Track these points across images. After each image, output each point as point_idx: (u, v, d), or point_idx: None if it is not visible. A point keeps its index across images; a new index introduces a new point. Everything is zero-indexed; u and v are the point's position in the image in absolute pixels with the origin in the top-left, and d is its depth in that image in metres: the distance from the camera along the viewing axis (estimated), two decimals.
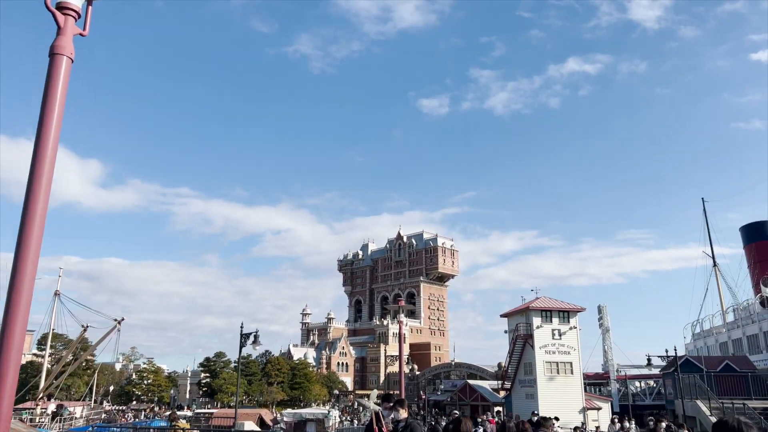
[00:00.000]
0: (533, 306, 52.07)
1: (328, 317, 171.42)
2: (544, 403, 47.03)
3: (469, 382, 79.94)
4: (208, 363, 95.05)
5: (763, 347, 62.37)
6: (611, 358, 77.72)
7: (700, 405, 22.67)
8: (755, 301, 69.33)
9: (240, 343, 20.90)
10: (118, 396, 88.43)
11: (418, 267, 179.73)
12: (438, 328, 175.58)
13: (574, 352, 50.95)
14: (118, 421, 43.28)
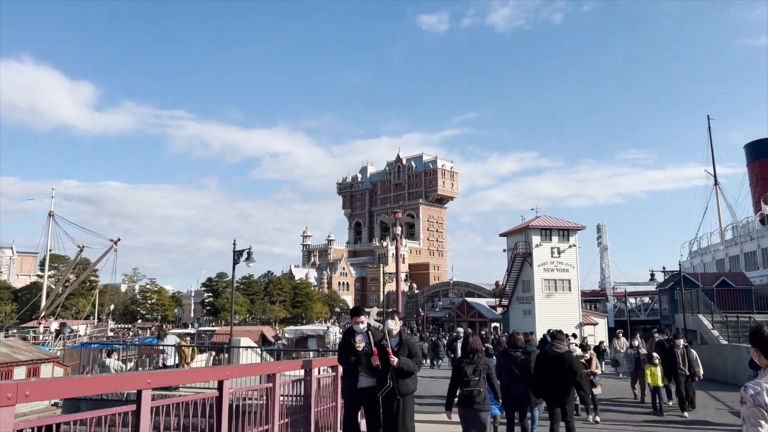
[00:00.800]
0: (533, 225, 51.70)
1: (328, 239, 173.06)
2: (541, 319, 47.70)
3: (467, 300, 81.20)
4: (211, 283, 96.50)
5: (760, 264, 62.63)
6: (608, 276, 78.55)
7: (702, 319, 22.46)
8: (755, 218, 68.96)
9: (233, 259, 20.38)
10: (123, 315, 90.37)
11: (418, 189, 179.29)
12: (437, 249, 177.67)
13: (572, 269, 51.12)
14: (121, 339, 44.02)
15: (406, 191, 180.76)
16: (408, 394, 6.63)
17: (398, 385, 6.52)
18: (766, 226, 63.42)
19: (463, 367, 7.11)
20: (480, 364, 7.11)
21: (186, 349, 15.67)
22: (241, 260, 20.29)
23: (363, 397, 6.78)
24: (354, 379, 6.76)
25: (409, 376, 6.61)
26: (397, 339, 6.79)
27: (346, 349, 6.75)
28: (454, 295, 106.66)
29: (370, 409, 6.79)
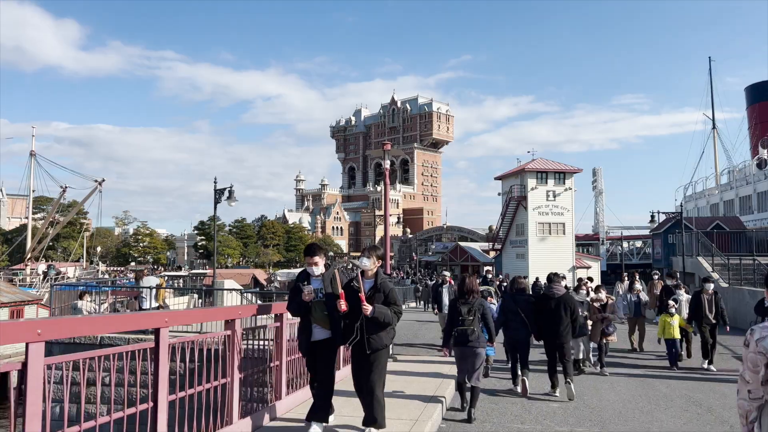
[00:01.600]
0: (529, 168, 50.71)
1: (321, 183, 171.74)
2: (535, 263, 47.51)
3: (460, 244, 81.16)
4: (203, 226, 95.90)
5: (755, 208, 62.34)
6: (602, 220, 78.39)
7: (702, 261, 21.91)
8: (752, 163, 68.23)
9: (214, 198, 19.47)
10: (115, 258, 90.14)
11: (413, 133, 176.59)
12: (431, 194, 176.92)
13: (567, 213, 50.56)
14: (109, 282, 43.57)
15: (401, 135, 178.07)
16: (381, 349, 5.51)
17: (369, 339, 5.38)
18: (763, 170, 62.79)
19: (459, 306, 7.23)
20: (475, 305, 7.22)
21: (161, 291, 14.98)
22: (223, 199, 19.40)
23: (317, 351, 5.63)
24: (306, 332, 5.59)
25: (384, 329, 5.46)
26: (373, 281, 5.56)
27: (297, 296, 5.49)
28: (447, 239, 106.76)
29: (322, 366, 5.64)
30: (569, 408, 7.82)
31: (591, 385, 9.54)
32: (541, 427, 6.80)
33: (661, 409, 7.87)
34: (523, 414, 7.45)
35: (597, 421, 7.13)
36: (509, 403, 8.07)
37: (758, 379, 2.78)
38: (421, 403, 7.11)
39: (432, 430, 6.32)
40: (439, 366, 10.19)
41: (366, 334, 5.39)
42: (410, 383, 8.48)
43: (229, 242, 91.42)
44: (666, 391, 8.93)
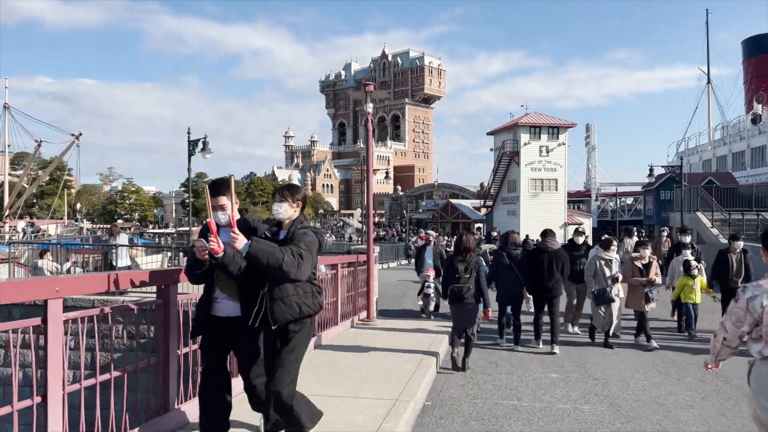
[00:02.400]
0: (522, 122, 49.45)
1: (311, 140, 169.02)
2: (526, 219, 46.86)
3: (450, 201, 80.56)
4: None
5: (748, 164, 61.76)
6: (594, 177, 77.69)
7: (701, 216, 21.11)
8: (746, 118, 67.35)
9: (188, 151, 18.27)
10: (100, 216, 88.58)
11: (404, 88, 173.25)
12: (422, 150, 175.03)
13: (560, 169, 49.65)
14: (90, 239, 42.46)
15: (392, 90, 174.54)
16: (291, 321, 3.73)
17: (272, 307, 3.67)
18: (757, 126, 61.94)
19: (456, 264, 7.26)
20: (471, 263, 7.25)
21: (132, 250, 13.96)
22: (197, 151, 18.23)
23: (226, 333, 3.90)
24: (206, 304, 3.93)
25: (294, 291, 3.69)
26: (286, 232, 3.81)
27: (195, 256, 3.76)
28: (438, 197, 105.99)
29: (239, 353, 4.08)
30: (571, 380, 6.99)
31: (595, 353, 8.73)
32: (540, 403, 5.95)
33: (673, 380, 7.04)
34: (519, 387, 6.60)
35: (603, 395, 6.29)
36: (504, 374, 7.23)
37: (737, 333, 3.02)
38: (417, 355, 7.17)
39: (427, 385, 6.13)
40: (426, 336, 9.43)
41: (268, 301, 3.67)
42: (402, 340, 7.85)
43: None
44: (678, 360, 8.10)
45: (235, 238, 3.48)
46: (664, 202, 63.41)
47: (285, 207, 3.83)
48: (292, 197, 3.88)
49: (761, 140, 59.84)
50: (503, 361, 8.02)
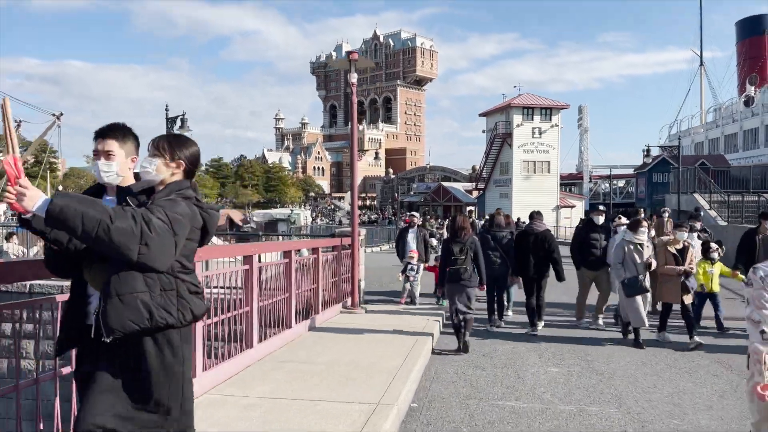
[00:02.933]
0: (515, 103, 48.63)
1: (302, 122, 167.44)
2: (518, 201, 46.27)
3: (442, 184, 79.96)
4: None
5: (740, 146, 61.51)
6: (587, 159, 77.23)
7: (699, 198, 20.55)
8: (739, 100, 67.03)
9: (166, 129, 17.42)
10: None
11: (395, 70, 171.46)
12: (414, 133, 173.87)
13: (553, 151, 49.01)
14: None
15: (384, 72, 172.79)
16: (135, 334, 2.36)
17: (105, 308, 2.33)
18: (750, 108, 61.60)
19: (451, 246, 7.24)
20: (467, 244, 7.23)
21: None
22: (175, 128, 17.41)
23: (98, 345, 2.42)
24: (74, 307, 2.57)
25: (133, 279, 2.34)
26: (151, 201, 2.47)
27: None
28: (430, 180, 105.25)
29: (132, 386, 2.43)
30: (573, 375, 6.34)
31: (594, 342, 8.11)
32: (540, 404, 5.30)
33: (684, 374, 6.41)
34: (517, 384, 5.95)
35: (610, 394, 5.65)
36: (499, 368, 6.58)
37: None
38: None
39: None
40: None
41: (102, 299, 2.36)
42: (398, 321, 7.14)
43: (206, 182, 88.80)
44: (690, 354, 7.46)
45: (22, 191, 2.11)
46: (656, 185, 63.12)
47: (158, 165, 2.59)
48: (172, 153, 2.63)
49: (754, 122, 59.57)
50: (497, 353, 7.37)
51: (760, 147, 57.01)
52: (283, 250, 7.34)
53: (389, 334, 7.57)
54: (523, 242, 8.80)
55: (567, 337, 8.42)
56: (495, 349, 7.61)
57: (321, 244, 8.68)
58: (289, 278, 6.94)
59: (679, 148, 23.53)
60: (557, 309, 10.40)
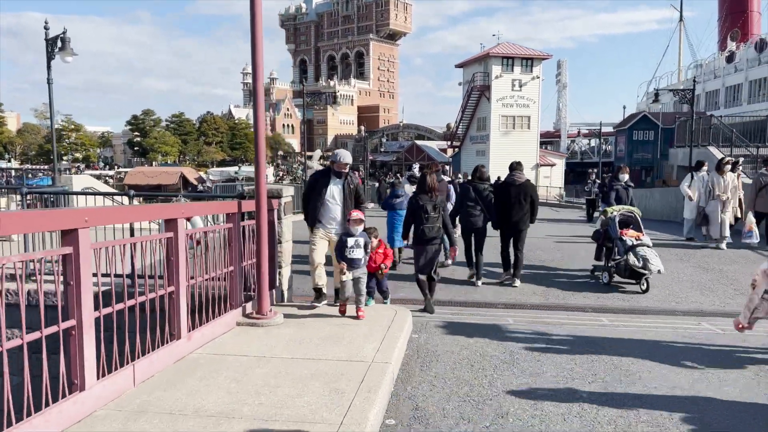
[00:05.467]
0: (494, 52, 45.36)
1: (270, 77, 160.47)
2: (496, 159, 43.61)
3: (416, 143, 77.21)
4: (136, 121, 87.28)
5: (722, 103, 59.80)
6: (565, 116, 74.89)
7: (714, 152, 18.05)
8: (720, 56, 65.20)
9: (47, 54, 14.08)
10: (38, 155, 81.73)
11: (368, 23, 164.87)
12: (388, 90, 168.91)
13: (533, 105, 46.17)
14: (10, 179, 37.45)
15: (356, 25, 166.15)
16: None
17: None
18: (733, 63, 59.72)
19: (423, 204, 6.90)
20: (438, 202, 7.04)
21: None
22: (56, 52, 14.11)
23: None
24: None
25: None
26: None
27: None
28: (403, 138, 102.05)
29: None
30: (586, 376, 3.66)
31: (607, 322, 6.14)
32: None
33: None
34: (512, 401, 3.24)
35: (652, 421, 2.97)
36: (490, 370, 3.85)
37: None
38: None
39: None
40: None
41: None
42: None
43: (167, 138, 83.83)
44: None
45: None
46: (637, 143, 61.20)
47: None
48: None
49: (737, 78, 57.80)
50: (487, 347, 4.69)
51: (743, 104, 55.28)
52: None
53: (315, 365, 4.27)
54: (504, 193, 8.67)
55: (573, 318, 5.83)
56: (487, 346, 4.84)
57: (206, 209, 5.68)
58: None
59: (693, 92, 20.84)
60: None
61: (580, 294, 7.95)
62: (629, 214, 8.54)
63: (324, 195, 6.20)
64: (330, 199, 6.22)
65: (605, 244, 8.50)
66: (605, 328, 5.95)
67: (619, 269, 8.06)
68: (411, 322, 5.76)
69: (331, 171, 6.39)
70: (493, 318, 6.40)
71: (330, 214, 6.22)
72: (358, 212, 5.89)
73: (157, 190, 36.74)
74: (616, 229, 8.19)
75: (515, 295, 7.84)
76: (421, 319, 6.17)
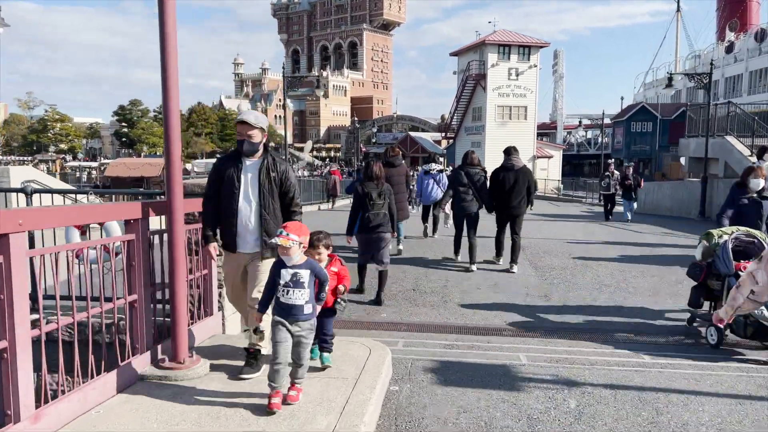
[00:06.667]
0: (490, 40, 43.66)
1: (262, 68, 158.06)
2: (492, 151, 42.04)
3: (410, 134, 75.75)
4: (123, 111, 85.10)
5: (721, 94, 58.55)
6: (561, 107, 73.51)
7: (732, 142, 16.61)
8: (718, 46, 64.13)
9: None
10: (23, 146, 79.63)
11: (362, 12, 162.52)
12: (381, 81, 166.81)
13: (530, 95, 44.57)
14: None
15: (349, 14, 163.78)
16: None
17: None
18: (731, 54, 58.54)
19: (368, 191, 6.80)
20: (384, 189, 6.89)
21: None
22: None
23: None
24: None
25: None
26: None
27: None
28: (397, 130, 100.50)
29: None
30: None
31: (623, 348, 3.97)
32: None
33: None
34: None
35: None
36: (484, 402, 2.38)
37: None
38: None
39: None
40: None
41: None
42: None
43: (154, 129, 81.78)
44: None
45: None
46: (635, 134, 59.87)
47: None
48: None
49: (738, 68, 56.57)
50: (494, 409, 3.18)
51: (743, 95, 54.03)
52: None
53: None
54: (501, 178, 8.52)
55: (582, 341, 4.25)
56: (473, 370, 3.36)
57: (93, 215, 3.83)
58: None
59: (710, 76, 19.36)
60: None
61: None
62: (750, 240, 5.53)
63: (229, 191, 3.86)
64: (240, 199, 3.88)
65: (709, 284, 5.65)
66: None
67: (737, 325, 5.13)
68: (390, 365, 4.25)
69: (240, 151, 3.96)
70: (499, 352, 4.91)
71: (241, 222, 3.88)
72: (293, 230, 3.34)
73: (140, 183, 35.11)
74: (730, 262, 5.29)
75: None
76: (404, 358, 4.67)
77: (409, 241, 11.80)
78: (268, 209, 3.87)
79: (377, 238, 6.70)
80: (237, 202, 3.86)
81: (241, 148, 3.93)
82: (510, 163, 8.57)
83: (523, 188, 8.43)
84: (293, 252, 3.29)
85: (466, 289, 7.44)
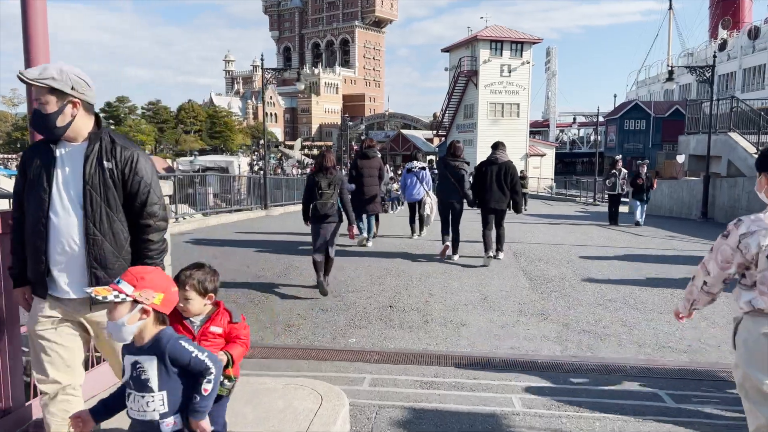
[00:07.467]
0: (482, 35, 42.84)
1: (253, 65, 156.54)
2: (484, 148, 41.31)
3: (402, 132, 75.03)
4: (110, 109, 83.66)
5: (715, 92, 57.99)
6: (554, 105, 72.93)
7: (737, 139, 15.83)
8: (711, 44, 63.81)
9: None
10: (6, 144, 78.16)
11: (353, 9, 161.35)
12: (374, 78, 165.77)
13: (523, 92, 43.80)
14: None
15: (341, 11, 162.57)
16: None
17: None
18: (724, 52, 58.06)
19: (318, 180, 6.79)
20: (335, 179, 6.86)
21: None
22: None
23: None
24: None
25: None
26: None
27: None
28: (389, 127, 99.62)
29: None
30: None
31: None
32: None
33: None
34: None
35: None
36: None
37: (722, 276, 2.49)
38: None
39: None
40: None
41: None
42: None
43: (142, 127, 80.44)
44: None
45: None
46: (628, 132, 59.27)
47: None
48: None
49: (730, 66, 56.22)
50: (454, 425, 2.26)
51: (736, 93, 53.61)
52: None
53: None
54: (485, 172, 8.57)
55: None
56: None
57: None
58: None
59: (713, 69, 18.55)
60: None
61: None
62: None
63: (36, 196, 2.38)
64: (55, 207, 2.37)
65: None
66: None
67: None
68: (346, 419, 3.32)
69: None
70: (486, 393, 4.00)
71: (55, 246, 2.37)
72: (132, 277, 1.94)
73: None
74: None
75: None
76: (368, 404, 3.74)
77: (393, 242, 10.90)
78: (99, 223, 2.35)
79: (326, 227, 6.73)
80: (46, 213, 2.33)
81: (34, 125, 2.39)
82: (494, 156, 8.62)
83: (506, 184, 8.44)
84: (120, 315, 1.88)
85: (452, 305, 6.52)
